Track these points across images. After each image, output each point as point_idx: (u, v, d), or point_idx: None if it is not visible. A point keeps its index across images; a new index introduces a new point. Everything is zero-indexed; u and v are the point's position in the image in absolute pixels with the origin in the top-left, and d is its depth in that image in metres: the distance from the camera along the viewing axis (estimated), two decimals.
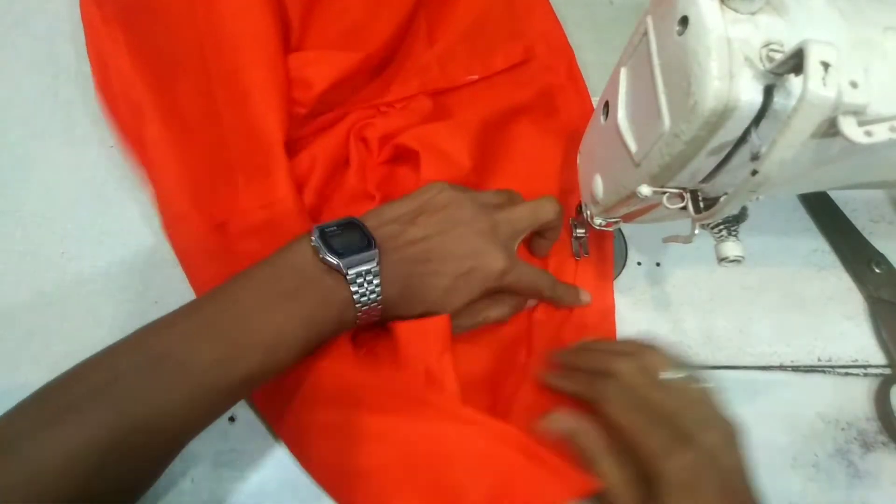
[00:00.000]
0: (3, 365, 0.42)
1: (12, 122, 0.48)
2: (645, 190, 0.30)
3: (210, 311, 0.32)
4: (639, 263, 0.46)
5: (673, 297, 0.45)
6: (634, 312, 0.44)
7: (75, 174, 0.47)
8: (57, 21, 0.52)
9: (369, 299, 0.34)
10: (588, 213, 0.39)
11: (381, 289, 0.34)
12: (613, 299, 0.44)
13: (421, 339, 0.36)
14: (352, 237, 0.34)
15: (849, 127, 0.24)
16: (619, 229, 0.47)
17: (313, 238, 0.33)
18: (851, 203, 0.48)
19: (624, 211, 0.35)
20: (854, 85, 0.24)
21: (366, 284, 0.33)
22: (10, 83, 0.49)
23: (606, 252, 0.45)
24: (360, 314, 0.34)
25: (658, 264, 0.46)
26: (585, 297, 0.42)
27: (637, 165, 0.30)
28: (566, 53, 0.50)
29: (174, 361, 0.30)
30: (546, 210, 0.39)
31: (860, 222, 0.47)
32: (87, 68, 0.50)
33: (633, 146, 0.31)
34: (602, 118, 0.35)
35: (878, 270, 0.45)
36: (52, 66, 0.50)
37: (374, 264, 0.33)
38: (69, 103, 0.49)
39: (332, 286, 0.33)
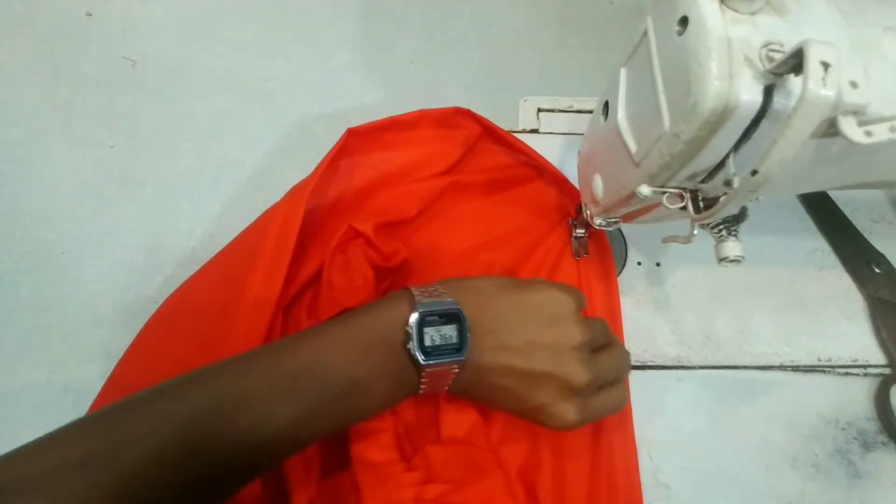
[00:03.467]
0: (3, 365, 0.42)
1: (12, 122, 0.48)
2: (645, 190, 0.30)
3: (293, 365, 0.31)
4: (639, 263, 0.46)
5: (673, 297, 0.45)
6: (634, 312, 0.44)
7: (75, 174, 0.47)
8: (57, 21, 0.52)
9: (436, 391, 0.34)
10: (588, 213, 0.39)
11: (451, 388, 0.34)
12: (619, 299, 0.44)
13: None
14: (447, 333, 0.33)
15: (849, 127, 0.24)
16: (619, 229, 0.47)
17: (410, 323, 0.32)
18: (851, 203, 0.48)
19: (624, 211, 0.35)
20: (854, 85, 0.24)
21: (436, 382, 0.33)
22: (10, 83, 0.49)
23: (606, 252, 0.45)
24: (422, 395, 0.34)
25: (658, 264, 0.46)
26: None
27: (637, 165, 0.30)
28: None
29: (252, 413, 0.29)
30: (609, 332, 0.38)
31: (860, 222, 0.47)
32: (87, 68, 0.51)
33: (633, 146, 0.31)
34: (602, 118, 0.35)
35: (878, 270, 0.45)
36: (52, 66, 0.50)
37: (454, 372, 0.33)
38: (69, 103, 0.49)
39: (411, 371, 0.33)
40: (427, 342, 0.32)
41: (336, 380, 0.31)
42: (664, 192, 0.30)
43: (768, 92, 0.24)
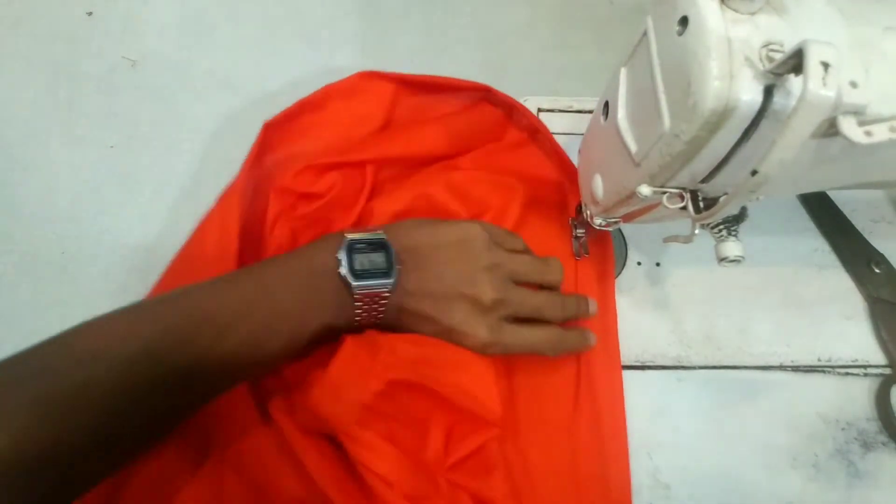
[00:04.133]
0: None
1: (12, 122, 0.48)
2: (645, 190, 0.30)
3: (247, 290, 0.34)
4: (639, 263, 0.46)
5: (673, 297, 0.45)
6: (634, 312, 0.44)
7: (75, 174, 0.47)
8: (57, 21, 0.52)
9: (372, 318, 0.37)
10: (588, 213, 0.39)
11: (384, 314, 0.37)
12: (615, 299, 0.44)
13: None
14: (376, 259, 0.36)
15: (849, 127, 0.24)
16: (619, 229, 0.47)
17: (339, 251, 0.35)
18: (851, 203, 0.48)
19: (624, 211, 0.35)
20: (854, 85, 0.24)
21: (371, 307, 0.36)
22: (10, 83, 0.50)
23: (606, 252, 0.45)
24: (361, 323, 0.37)
25: (658, 264, 0.46)
26: (592, 339, 0.41)
27: (637, 165, 0.30)
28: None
29: (214, 328, 0.32)
30: (553, 271, 0.41)
31: (860, 222, 0.47)
32: (87, 68, 0.51)
33: (633, 146, 0.31)
34: (602, 118, 0.35)
35: (877, 270, 0.45)
36: (52, 66, 0.50)
37: (386, 291, 0.36)
38: (69, 103, 0.49)
39: (346, 297, 0.35)
40: (357, 266, 0.35)
41: (283, 302, 0.34)
42: (664, 192, 0.30)
43: (768, 92, 0.24)
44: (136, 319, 0.32)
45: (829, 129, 0.24)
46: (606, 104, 0.35)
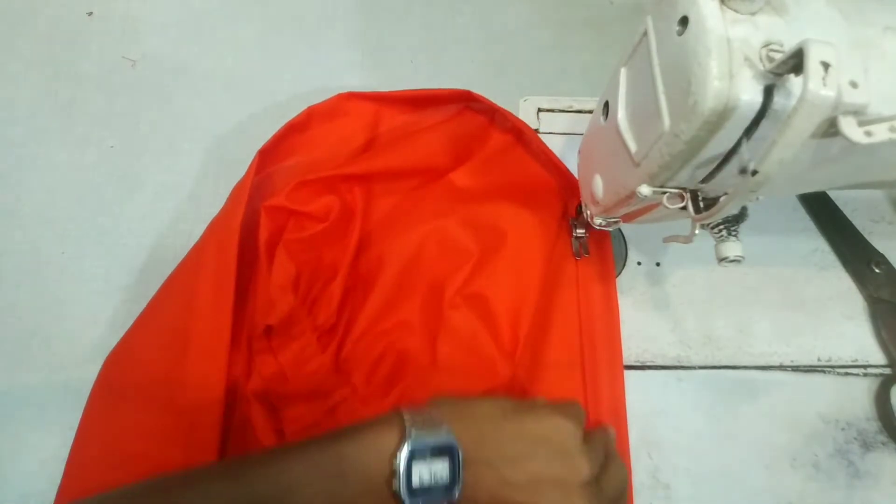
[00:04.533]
0: (3, 365, 0.42)
1: (12, 122, 0.48)
2: (645, 190, 0.30)
3: (260, 491, 0.29)
4: (639, 263, 0.46)
5: (673, 297, 0.45)
6: (634, 312, 0.44)
7: (75, 174, 0.47)
8: (57, 21, 0.52)
9: None
10: (588, 213, 0.39)
11: None
12: (617, 300, 0.44)
13: None
14: (438, 470, 0.29)
15: (849, 127, 0.24)
16: (619, 229, 0.47)
17: (398, 460, 0.29)
18: (851, 203, 0.48)
19: (624, 211, 0.35)
20: (854, 85, 0.24)
21: None
22: (10, 83, 0.50)
23: (606, 252, 0.45)
24: None
25: (658, 264, 0.46)
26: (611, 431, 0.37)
27: (637, 165, 0.30)
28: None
29: None
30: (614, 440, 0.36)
31: (860, 222, 0.47)
32: (87, 68, 0.51)
33: (633, 146, 0.31)
34: (602, 118, 0.35)
35: (878, 270, 0.45)
36: (52, 66, 0.50)
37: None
38: (69, 103, 0.49)
39: None
40: (415, 482, 0.28)
41: None
42: (664, 192, 0.30)
43: (768, 92, 0.24)
44: None
45: (829, 129, 0.24)
46: (606, 104, 0.35)
